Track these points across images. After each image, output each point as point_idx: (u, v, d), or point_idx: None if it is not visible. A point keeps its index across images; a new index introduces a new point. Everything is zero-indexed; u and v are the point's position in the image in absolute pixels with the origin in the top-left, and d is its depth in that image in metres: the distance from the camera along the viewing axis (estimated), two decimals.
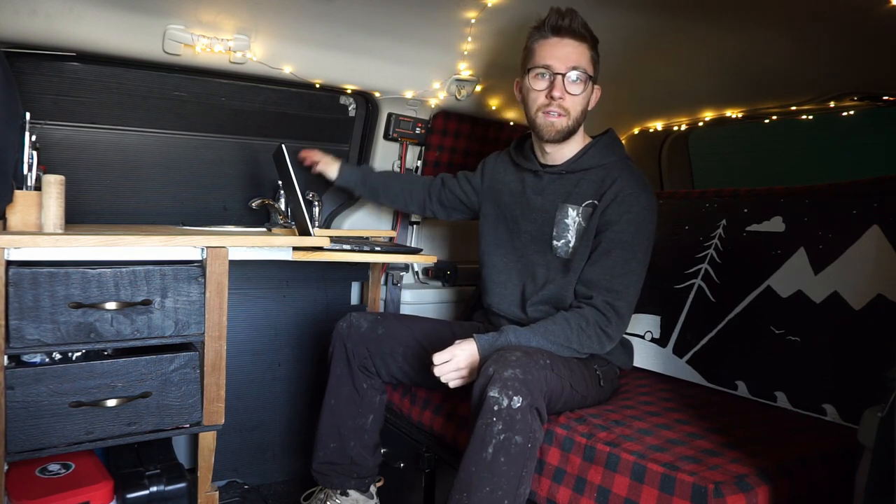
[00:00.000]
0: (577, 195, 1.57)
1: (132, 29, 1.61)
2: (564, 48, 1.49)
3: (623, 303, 1.47)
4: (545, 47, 1.50)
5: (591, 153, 1.58)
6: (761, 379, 1.60)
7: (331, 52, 1.88)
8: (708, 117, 2.24)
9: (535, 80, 1.52)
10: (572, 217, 1.56)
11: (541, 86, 1.52)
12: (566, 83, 1.49)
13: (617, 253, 1.49)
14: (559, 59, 1.49)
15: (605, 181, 1.54)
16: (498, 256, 1.70)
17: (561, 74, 1.48)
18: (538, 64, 1.51)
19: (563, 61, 1.49)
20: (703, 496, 1.07)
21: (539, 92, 1.52)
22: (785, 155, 4.75)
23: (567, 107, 1.51)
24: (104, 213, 1.90)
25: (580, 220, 1.55)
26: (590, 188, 1.56)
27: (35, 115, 1.66)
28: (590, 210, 1.54)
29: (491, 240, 1.73)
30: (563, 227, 1.57)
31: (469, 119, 2.40)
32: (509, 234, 1.69)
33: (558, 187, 1.60)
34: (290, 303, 2.10)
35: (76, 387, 1.32)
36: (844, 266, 1.54)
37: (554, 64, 1.49)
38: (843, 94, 1.82)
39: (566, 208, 1.57)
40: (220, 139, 2.04)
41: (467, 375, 1.41)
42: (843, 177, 1.76)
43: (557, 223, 1.58)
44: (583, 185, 1.57)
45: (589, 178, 1.57)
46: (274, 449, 2.11)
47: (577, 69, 1.49)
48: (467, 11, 1.71)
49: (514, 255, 1.67)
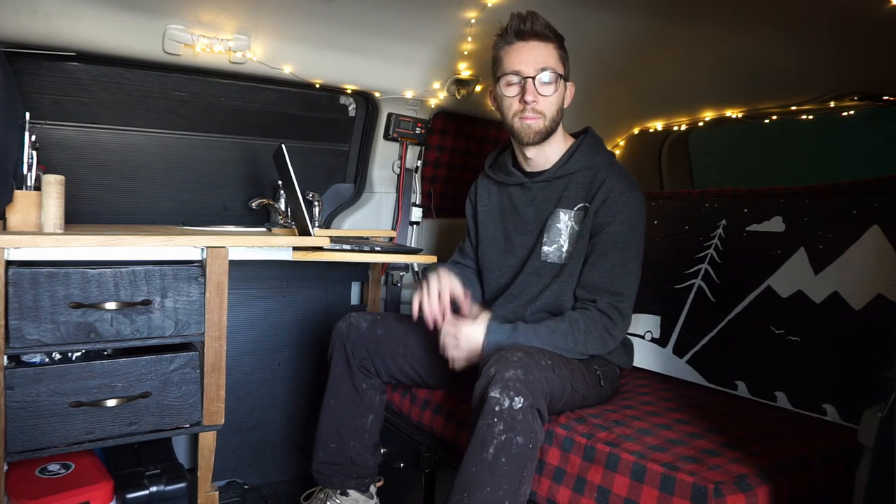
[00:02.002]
0: (567, 199, 1.56)
1: (132, 29, 1.61)
2: (531, 51, 1.48)
3: (626, 304, 1.48)
4: (511, 53, 1.50)
5: (577, 156, 1.57)
6: (761, 379, 1.60)
7: (331, 52, 1.88)
8: (708, 117, 2.24)
9: (507, 87, 1.52)
10: (564, 221, 1.56)
11: (512, 92, 1.51)
12: (537, 85, 1.48)
13: (615, 255, 1.49)
14: (526, 62, 1.48)
15: (595, 182, 1.54)
16: (496, 278, 1.69)
17: (531, 77, 1.47)
18: (507, 70, 1.50)
19: (531, 64, 1.48)
20: (703, 496, 1.07)
21: (512, 98, 1.51)
22: (785, 155, 4.75)
23: (541, 109, 1.50)
24: (104, 213, 1.90)
25: (573, 224, 1.55)
26: (580, 191, 1.55)
27: (35, 115, 1.67)
28: (582, 213, 1.54)
29: (488, 263, 1.71)
30: (555, 232, 1.56)
31: (469, 119, 2.40)
32: (504, 255, 1.67)
33: (548, 194, 1.59)
34: (290, 303, 2.10)
35: (76, 387, 1.32)
36: (844, 266, 1.54)
37: (522, 68, 1.48)
38: (843, 94, 1.82)
39: (558, 213, 1.56)
40: (220, 139, 2.04)
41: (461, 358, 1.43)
42: (843, 177, 1.75)
43: (549, 228, 1.57)
44: (572, 188, 1.56)
45: (577, 180, 1.56)
46: (274, 449, 2.11)
47: (546, 70, 1.48)
48: (467, 11, 1.71)
49: (511, 273, 1.65)
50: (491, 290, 1.72)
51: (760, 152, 4.91)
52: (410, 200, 2.33)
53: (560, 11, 1.61)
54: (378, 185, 2.28)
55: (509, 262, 1.66)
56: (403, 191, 2.31)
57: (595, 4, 1.57)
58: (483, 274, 1.74)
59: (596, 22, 1.53)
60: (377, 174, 2.27)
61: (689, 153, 2.77)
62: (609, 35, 1.64)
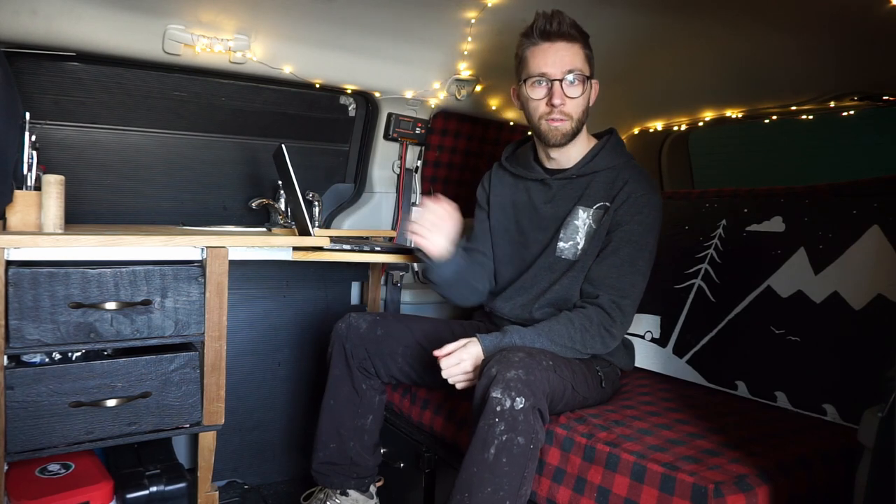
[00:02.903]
0: (588, 197, 1.56)
1: (132, 29, 1.61)
2: (557, 52, 1.46)
3: (628, 301, 1.48)
4: (537, 54, 1.48)
5: (602, 155, 1.57)
6: (761, 379, 1.60)
7: (331, 52, 1.88)
8: (708, 117, 2.24)
9: (533, 89, 1.50)
10: (582, 219, 1.56)
11: (539, 94, 1.50)
12: (564, 88, 1.47)
13: (625, 251, 1.49)
14: (553, 64, 1.46)
15: (616, 183, 1.54)
16: (508, 271, 1.69)
17: (558, 80, 1.46)
18: (533, 73, 1.48)
19: (558, 66, 1.46)
20: (703, 496, 1.07)
21: (538, 101, 1.50)
22: (785, 155, 4.75)
23: (568, 111, 1.49)
24: (104, 213, 1.90)
25: (590, 222, 1.55)
26: (601, 190, 1.55)
27: (35, 115, 1.66)
28: (601, 212, 1.54)
29: (500, 255, 1.71)
30: (572, 228, 1.57)
31: (469, 119, 2.40)
32: (517, 247, 1.67)
33: (569, 192, 1.59)
34: (290, 303, 2.10)
35: (76, 387, 1.32)
36: (844, 266, 1.54)
37: (549, 71, 1.47)
38: (843, 94, 1.82)
39: (577, 210, 1.56)
40: (220, 139, 2.04)
41: (474, 378, 1.40)
42: (843, 177, 1.75)
43: (566, 225, 1.57)
44: (593, 187, 1.56)
45: (599, 180, 1.56)
46: (274, 449, 2.11)
47: (573, 72, 1.47)
48: (467, 11, 1.71)
49: (523, 266, 1.65)
50: (500, 282, 1.71)
51: (760, 152, 4.92)
52: (410, 200, 2.34)
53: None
54: (378, 185, 2.28)
55: (522, 255, 1.66)
56: (403, 191, 2.31)
57: (595, 4, 1.57)
58: (494, 264, 1.74)
59: (596, 21, 1.52)
60: (377, 174, 2.27)
61: (689, 153, 2.77)
62: (609, 35, 1.63)
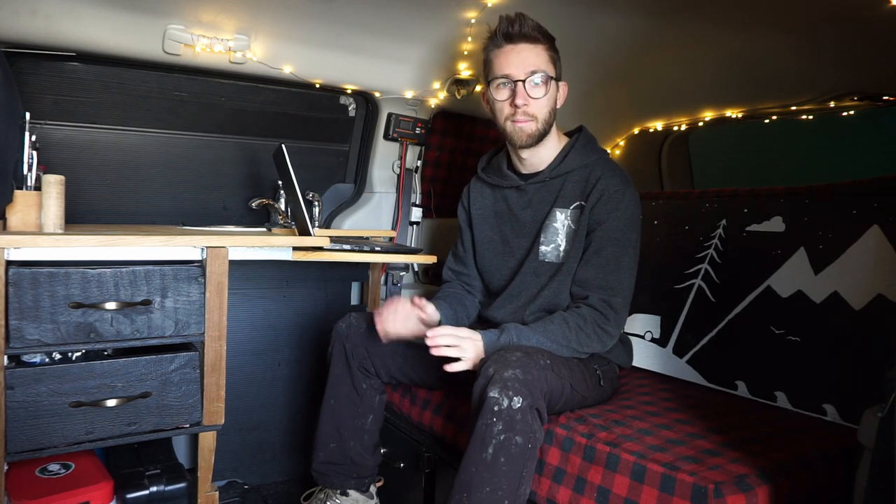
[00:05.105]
0: (563, 198, 1.57)
1: (132, 29, 1.61)
2: (520, 54, 1.48)
3: (619, 299, 1.48)
4: (501, 56, 1.50)
5: (573, 155, 1.57)
6: (761, 379, 1.60)
7: (331, 52, 1.88)
8: (708, 117, 2.24)
9: (498, 91, 1.52)
10: (561, 220, 1.56)
11: (503, 95, 1.51)
12: (527, 89, 1.48)
13: (608, 250, 1.49)
14: (516, 65, 1.48)
15: (590, 180, 1.54)
16: (497, 280, 1.69)
17: (521, 81, 1.47)
18: (497, 74, 1.50)
19: (521, 67, 1.47)
20: (703, 496, 1.07)
21: (503, 102, 1.52)
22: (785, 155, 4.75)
23: (533, 112, 1.50)
24: (104, 213, 1.90)
25: (569, 223, 1.55)
26: (575, 190, 1.56)
27: (35, 115, 1.67)
28: (578, 212, 1.54)
29: (487, 265, 1.72)
30: (552, 231, 1.57)
31: (469, 119, 2.41)
32: (502, 256, 1.67)
33: (545, 195, 1.60)
34: (290, 303, 2.10)
35: (76, 387, 1.32)
36: (844, 266, 1.54)
37: (512, 72, 1.48)
38: (843, 94, 1.82)
39: (554, 213, 1.57)
40: (220, 139, 2.04)
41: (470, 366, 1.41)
42: (843, 177, 1.75)
43: (546, 228, 1.57)
44: (568, 187, 1.57)
45: (573, 179, 1.57)
46: (274, 449, 2.11)
47: (536, 72, 1.48)
48: (467, 11, 1.71)
49: (511, 274, 1.65)
50: (490, 292, 1.72)
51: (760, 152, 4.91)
52: (410, 200, 2.34)
53: (559, 12, 1.62)
54: (378, 185, 2.28)
55: (508, 263, 1.66)
56: (403, 191, 2.31)
57: (595, 4, 1.57)
58: (482, 276, 1.75)
59: (596, 22, 1.53)
60: (377, 174, 2.27)
61: (689, 153, 2.77)
62: (609, 35, 1.63)
